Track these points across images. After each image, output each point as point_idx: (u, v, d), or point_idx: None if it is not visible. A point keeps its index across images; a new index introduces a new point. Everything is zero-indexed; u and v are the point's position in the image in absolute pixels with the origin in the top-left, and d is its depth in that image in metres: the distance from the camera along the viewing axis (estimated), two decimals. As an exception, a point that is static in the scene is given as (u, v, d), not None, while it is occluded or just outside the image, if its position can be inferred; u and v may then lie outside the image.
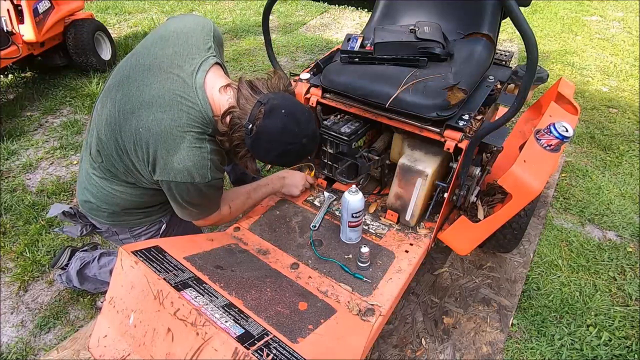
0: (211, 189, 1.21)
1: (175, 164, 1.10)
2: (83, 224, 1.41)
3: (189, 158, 1.10)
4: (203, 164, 1.12)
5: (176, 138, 1.09)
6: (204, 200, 1.25)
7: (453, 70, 1.44)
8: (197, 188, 1.16)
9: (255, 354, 0.82)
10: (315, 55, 3.80)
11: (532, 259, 1.93)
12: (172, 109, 1.09)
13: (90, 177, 1.29)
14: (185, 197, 1.19)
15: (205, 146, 1.13)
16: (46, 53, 3.11)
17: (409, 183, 1.46)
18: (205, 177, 1.14)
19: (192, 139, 1.11)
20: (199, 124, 1.12)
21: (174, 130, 1.09)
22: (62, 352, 1.55)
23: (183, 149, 1.10)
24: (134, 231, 1.40)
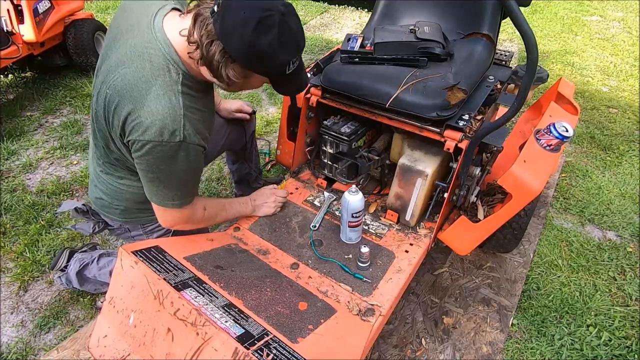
0: (185, 158, 1.06)
1: (142, 118, 0.99)
2: (95, 221, 1.41)
3: (157, 110, 0.98)
4: (174, 118, 0.99)
5: (142, 90, 0.99)
6: (176, 174, 1.10)
7: (453, 70, 1.44)
8: (169, 152, 1.02)
9: (255, 354, 0.82)
10: (315, 55, 3.80)
11: (532, 259, 1.93)
12: (134, 62, 1.02)
13: (98, 175, 1.29)
14: (155, 165, 1.05)
15: (177, 99, 1.01)
16: (46, 53, 3.11)
17: (409, 183, 1.46)
18: (177, 134, 1.00)
19: (160, 88, 1.00)
20: (165, 70, 1.01)
21: (138, 82, 1.00)
22: (62, 352, 1.55)
23: (150, 100, 0.99)
24: (146, 227, 1.38)
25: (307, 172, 1.81)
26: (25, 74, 3.45)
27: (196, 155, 1.09)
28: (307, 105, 1.65)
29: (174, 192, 1.15)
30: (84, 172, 2.44)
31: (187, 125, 1.01)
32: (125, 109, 1.01)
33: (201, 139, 1.08)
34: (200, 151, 1.10)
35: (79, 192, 2.32)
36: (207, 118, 1.12)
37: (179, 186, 1.15)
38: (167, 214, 1.22)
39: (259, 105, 3.10)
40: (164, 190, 1.14)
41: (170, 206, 1.18)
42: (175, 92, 1.01)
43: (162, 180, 1.10)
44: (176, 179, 1.11)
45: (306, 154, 1.80)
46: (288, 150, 1.78)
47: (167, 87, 1.00)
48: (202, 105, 1.09)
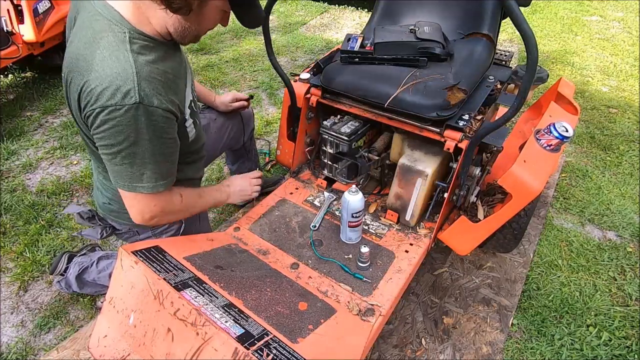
0: (147, 124, 0.94)
1: (92, 85, 0.90)
2: (103, 226, 1.37)
3: (105, 73, 0.89)
4: (125, 77, 0.89)
5: (86, 57, 0.92)
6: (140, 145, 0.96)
7: (453, 70, 1.44)
8: (126, 117, 0.91)
9: (255, 354, 0.82)
10: (315, 55, 3.80)
11: (532, 259, 1.93)
12: (77, 35, 0.97)
13: (102, 182, 1.27)
14: (114, 136, 0.93)
15: (127, 57, 0.91)
16: (46, 53, 3.10)
17: (409, 183, 1.46)
18: (132, 94, 0.89)
19: (104, 50, 0.91)
20: (107, 31, 0.93)
21: (82, 51, 0.93)
22: (62, 352, 1.55)
23: (97, 64, 0.90)
24: (155, 230, 1.36)
25: (307, 172, 1.81)
26: (25, 74, 3.45)
27: (163, 122, 0.97)
28: (307, 105, 1.65)
29: (141, 169, 1.00)
30: (84, 172, 2.44)
31: (143, 85, 0.91)
32: (76, 83, 0.94)
33: (167, 102, 0.96)
34: (167, 118, 0.98)
35: (79, 192, 2.32)
36: (173, 81, 1.01)
37: (146, 162, 1.00)
38: (138, 201, 1.07)
39: (259, 105, 3.10)
40: (129, 169, 1.00)
41: (140, 190, 1.03)
42: (124, 51, 0.91)
43: (126, 154, 0.97)
44: (141, 151, 0.97)
45: (306, 154, 1.80)
46: (288, 150, 1.78)
47: (112, 48, 0.91)
48: (164, 67, 0.98)
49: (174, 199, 1.14)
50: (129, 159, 0.98)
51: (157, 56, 0.97)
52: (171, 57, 1.03)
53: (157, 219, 1.13)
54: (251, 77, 3.46)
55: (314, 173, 1.78)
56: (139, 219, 1.11)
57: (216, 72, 3.50)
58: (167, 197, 1.11)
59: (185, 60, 1.16)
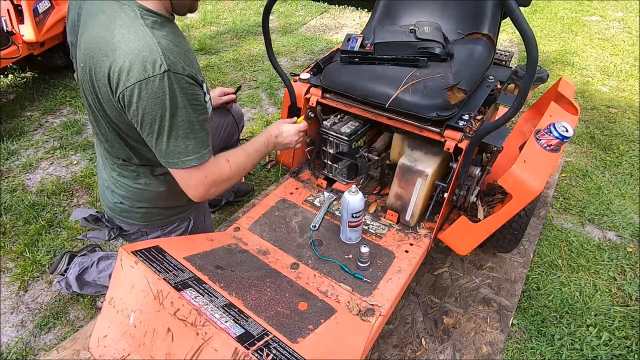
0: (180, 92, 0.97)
1: (120, 62, 0.93)
2: (110, 227, 1.36)
3: (129, 48, 0.93)
4: (150, 48, 0.92)
5: (106, 38, 0.95)
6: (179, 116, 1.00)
7: (453, 70, 1.44)
8: (159, 88, 0.94)
9: (255, 354, 0.82)
10: (315, 55, 3.80)
11: (532, 259, 1.93)
12: (89, 22, 1.00)
13: (115, 180, 1.27)
14: (153, 111, 0.97)
15: (144, 30, 0.94)
16: (46, 53, 3.10)
17: (409, 183, 1.46)
18: (160, 62, 0.93)
19: (122, 28, 0.95)
20: (119, 12, 0.96)
21: (100, 33, 0.96)
22: (62, 352, 1.55)
23: (118, 42, 0.94)
24: (165, 229, 1.36)
25: (307, 172, 1.81)
26: (25, 74, 3.45)
27: (191, 89, 1.01)
28: (307, 105, 1.65)
29: (186, 141, 1.03)
30: (84, 172, 2.44)
31: (167, 54, 0.94)
32: (103, 66, 0.96)
33: (190, 69, 1.00)
34: (193, 84, 1.02)
35: (79, 192, 2.32)
36: (186, 54, 1.03)
37: (188, 132, 1.03)
38: (191, 176, 1.09)
39: (259, 105, 3.10)
40: (174, 144, 1.03)
41: (190, 162, 1.06)
42: (140, 26, 0.95)
43: (168, 128, 1.00)
44: (181, 122, 1.01)
45: (306, 154, 1.80)
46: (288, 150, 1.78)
47: (129, 25, 0.95)
48: (175, 40, 1.01)
49: (222, 167, 1.14)
50: (173, 131, 1.01)
51: (166, 31, 1.00)
52: (175, 32, 1.06)
53: (213, 190, 1.15)
54: (251, 77, 3.46)
55: (314, 173, 1.78)
56: (197, 195, 1.13)
57: (216, 72, 3.50)
58: (215, 165, 1.12)
59: None
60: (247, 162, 1.24)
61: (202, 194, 1.14)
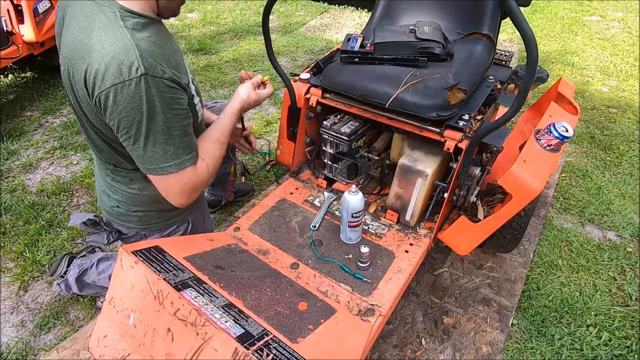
0: (158, 96, 0.94)
1: (96, 66, 0.90)
2: (109, 231, 1.36)
3: (105, 50, 0.89)
4: (126, 50, 0.89)
5: (83, 40, 0.93)
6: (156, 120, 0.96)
7: (453, 70, 1.44)
8: (136, 92, 0.91)
9: (255, 354, 0.82)
10: (315, 55, 3.80)
11: (532, 259, 1.93)
12: (70, 23, 0.99)
13: (110, 185, 1.26)
14: (129, 115, 0.93)
15: (123, 32, 0.91)
16: (46, 53, 3.10)
17: (409, 183, 1.46)
18: (136, 66, 0.89)
19: (100, 30, 0.91)
20: (98, 13, 0.94)
21: (78, 36, 0.94)
22: (62, 352, 1.55)
23: (95, 45, 0.91)
24: (163, 232, 1.36)
25: (307, 172, 1.81)
26: (25, 74, 3.45)
27: (172, 93, 0.97)
28: (307, 105, 1.65)
29: (164, 147, 1.00)
30: (84, 172, 2.44)
31: (145, 56, 0.91)
32: (80, 70, 0.93)
33: (170, 73, 0.96)
34: (174, 88, 0.98)
35: (79, 192, 2.32)
36: (171, 56, 1.00)
37: (166, 137, 0.99)
38: (170, 183, 1.06)
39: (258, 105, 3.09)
40: (152, 150, 0.99)
41: (169, 169, 1.02)
42: (119, 28, 0.92)
43: (145, 133, 0.96)
44: (160, 127, 0.97)
45: (306, 154, 1.80)
46: (288, 150, 1.78)
47: (107, 27, 0.92)
48: (158, 42, 0.98)
49: (200, 171, 1.10)
50: (150, 137, 0.98)
51: (149, 32, 0.98)
52: (161, 33, 1.03)
53: (195, 195, 1.13)
54: (251, 77, 3.46)
55: (314, 173, 1.78)
56: (178, 202, 1.11)
57: (216, 72, 3.50)
58: (194, 170, 1.08)
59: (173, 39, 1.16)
60: (221, 149, 1.20)
61: (184, 201, 1.11)
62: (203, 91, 3.23)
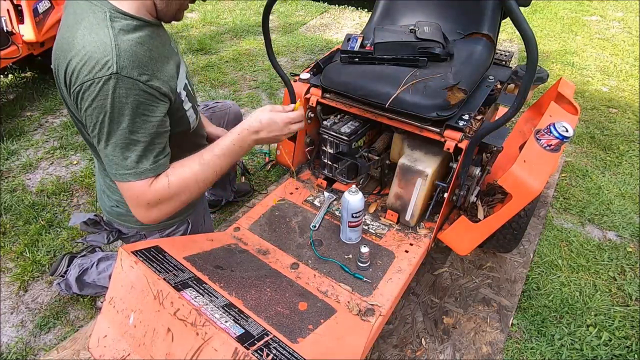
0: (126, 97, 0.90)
1: (74, 64, 0.90)
2: (109, 231, 1.36)
3: (84, 49, 0.88)
4: (104, 48, 0.87)
5: (68, 39, 0.92)
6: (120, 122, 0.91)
7: (453, 70, 1.44)
8: (103, 90, 0.88)
9: (255, 354, 0.82)
10: (315, 55, 3.80)
11: (532, 259, 1.93)
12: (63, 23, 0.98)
13: (109, 185, 1.26)
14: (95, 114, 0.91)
15: (107, 32, 0.90)
16: (46, 53, 3.10)
17: (409, 183, 1.46)
18: (109, 64, 0.87)
19: (85, 29, 0.90)
20: (88, 12, 0.93)
21: (65, 34, 0.94)
22: (62, 352, 1.55)
23: (77, 44, 0.90)
24: (163, 232, 1.35)
25: (307, 172, 1.81)
26: (25, 74, 3.45)
27: (145, 98, 0.92)
28: (307, 105, 1.65)
29: (125, 153, 0.94)
30: (84, 172, 2.44)
31: (123, 57, 0.88)
32: (62, 67, 0.93)
33: (152, 79, 0.93)
34: (151, 95, 0.93)
35: (79, 192, 2.32)
36: (159, 60, 0.97)
37: (128, 143, 0.93)
38: (131, 192, 0.98)
39: (259, 105, 3.10)
40: (112, 153, 0.94)
41: (127, 179, 0.96)
42: (104, 27, 0.89)
43: (107, 134, 0.92)
44: (122, 130, 0.92)
45: (306, 154, 1.80)
46: (288, 150, 1.78)
47: (93, 26, 0.90)
48: (149, 45, 0.96)
49: (156, 187, 0.99)
50: (112, 139, 0.93)
51: (140, 35, 0.95)
52: (156, 37, 1.01)
53: (159, 211, 1.01)
54: (251, 77, 3.46)
55: (314, 173, 1.78)
56: (138, 216, 1.02)
57: (216, 72, 3.50)
58: (146, 186, 0.99)
59: (174, 45, 1.14)
60: (200, 174, 1.04)
61: (142, 215, 1.02)
62: (203, 91, 3.23)
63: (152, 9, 1.00)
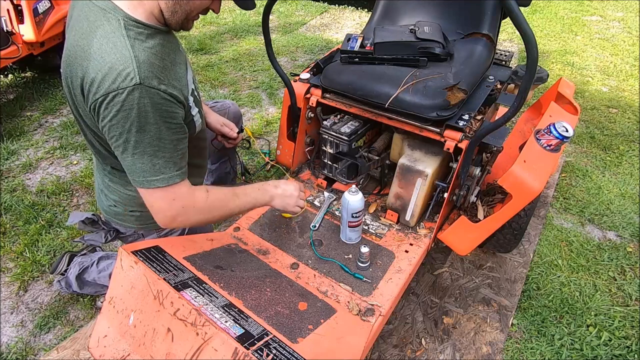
0: (151, 107, 0.92)
1: (93, 74, 0.90)
2: (106, 230, 1.36)
3: (103, 59, 0.90)
4: (124, 60, 0.89)
5: (84, 47, 0.93)
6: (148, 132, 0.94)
7: (453, 70, 1.44)
8: (128, 101, 0.90)
9: (255, 354, 0.82)
10: (315, 55, 3.80)
11: (532, 259, 1.93)
12: (74, 29, 0.98)
13: (108, 185, 1.27)
14: (120, 124, 0.92)
15: (123, 42, 0.91)
16: (46, 53, 3.10)
17: (409, 183, 1.46)
18: (132, 75, 0.89)
19: (101, 38, 0.91)
20: (102, 20, 0.93)
21: (79, 42, 0.94)
22: (62, 352, 1.55)
23: (94, 53, 0.91)
24: (161, 231, 1.36)
25: (307, 172, 1.81)
26: (25, 74, 3.45)
27: (167, 106, 0.96)
28: (307, 105, 1.65)
29: (153, 159, 0.97)
30: (84, 172, 2.44)
31: (142, 67, 0.90)
32: (78, 75, 0.94)
33: (168, 87, 0.95)
34: (170, 102, 0.96)
35: (79, 192, 2.32)
36: (172, 68, 1.00)
37: (156, 150, 0.97)
38: (157, 198, 1.02)
39: (259, 105, 3.10)
40: (141, 161, 0.97)
41: (156, 183, 0.99)
42: (120, 37, 0.91)
43: (135, 143, 0.95)
44: (150, 138, 0.95)
45: (306, 154, 1.80)
46: (288, 150, 1.78)
47: (109, 35, 0.91)
48: (161, 53, 0.97)
49: (197, 195, 1.07)
50: (139, 147, 0.96)
51: (153, 43, 0.97)
52: (167, 44, 1.03)
53: (182, 218, 1.06)
54: (251, 77, 3.46)
55: (314, 173, 1.78)
56: (161, 220, 1.06)
57: (216, 72, 3.50)
58: (187, 191, 1.05)
59: (183, 49, 1.15)
60: (231, 201, 1.15)
61: (167, 220, 1.06)
62: (203, 91, 3.23)
63: (160, 17, 1.01)
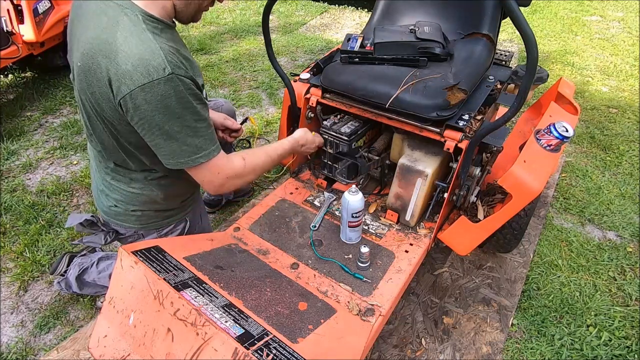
0: (186, 92, 0.98)
1: (122, 65, 0.93)
2: (106, 231, 1.36)
3: (131, 51, 0.93)
4: (153, 52, 0.93)
5: (107, 40, 0.95)
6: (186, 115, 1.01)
7: (453, 70, 1.44)
8: (165, 91, 0.95)
9: (255, 354, 0.82)
10: (315, 55, 3.80)
11: (532, 259, 1.93)
12: (91, 23, 1.00)
13: (109, 184, 1.26)
14: (159, 114, 0.97)
15: (146, 35, 0.95)
16: (46, 53, 3.10)
17: (409, 183, 1.46)
18: (164, 66, 0.93)
19: (124, 30, 0.94)
20: (121, 15, 0.96)
21: (101, 35, 0.96)
22: (62, 352, 1.55)
23: (120, 45, 0.94)
24: (161, 231, 1.36)
25: (307, 172, 1.81)
26: (25, 74, 3.45)
27: (197, 89, 1.03)
28: (307, 105, 1.65)
29: (194, 140, 1.04)
30: (84, 172, 2.44)
31: (169, 58, 0.95)
32: (102, 68, 0.96)
33: (192, 75, 1.01)
34: (196, 88, 1.03)
35: (79, 192, 2.32)
36: (187, 59, 1.04)
37: (196, 131, 1.04)
38: (204, 173, 1.12)
39: (259, 105, 3.10)
40: (184, 145, 1.04)
41: (200, 160, 1.08)
42: (142, 30, 0.95)
43: (176, 130, 1.01)
44: (188, 120, 1.02)
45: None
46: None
47: (131, 28, 0.95)
48: (175, 45, 1.02)
49: (236, 163, 1.16)
50: (183, 132, 1.02)
51: (167, 37, 1.01)
52: (176, 40, 1.07)
53: (228, 184, 1.17)
54: (251, 77, 3.46)
55: (314, 173, 1.78)
56: (211, 189, 1.18)
57: (216, 72, 3.50)
58: (226, 162, 1.14)
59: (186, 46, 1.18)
60: (265, 162, 1.27)
61: (216, 188, 1.17)
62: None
63: (171, 12, 1.04)
